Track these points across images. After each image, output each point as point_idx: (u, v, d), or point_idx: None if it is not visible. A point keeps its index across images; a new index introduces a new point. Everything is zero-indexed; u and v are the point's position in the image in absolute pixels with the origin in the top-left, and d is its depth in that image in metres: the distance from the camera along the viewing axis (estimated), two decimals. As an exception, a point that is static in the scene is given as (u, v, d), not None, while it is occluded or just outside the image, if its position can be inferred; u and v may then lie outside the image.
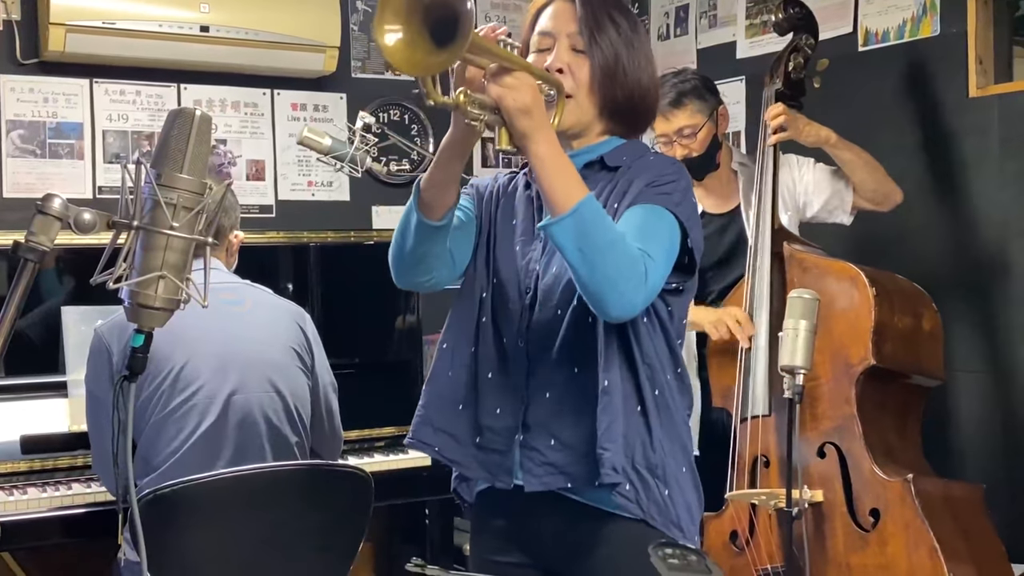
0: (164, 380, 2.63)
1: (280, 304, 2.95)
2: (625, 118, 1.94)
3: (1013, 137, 3.22)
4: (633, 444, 1.83)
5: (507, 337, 1.92)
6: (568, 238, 1.70)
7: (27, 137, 3.73)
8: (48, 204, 1.39)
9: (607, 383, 1.82)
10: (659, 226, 1.81)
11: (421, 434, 1.99)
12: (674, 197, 1.84)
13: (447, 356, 1.99)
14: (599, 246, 1.69)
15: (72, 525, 2.96)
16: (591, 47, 1.88)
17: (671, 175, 1.87)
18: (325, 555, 2.62)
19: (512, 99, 1.68)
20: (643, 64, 1.92)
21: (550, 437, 1.87)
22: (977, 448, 3.32)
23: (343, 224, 4.01)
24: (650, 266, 1.74)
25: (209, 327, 2.64)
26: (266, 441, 2.71)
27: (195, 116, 1.41)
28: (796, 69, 3.15)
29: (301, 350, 2.86)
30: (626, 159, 1.92)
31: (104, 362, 2.64)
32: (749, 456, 2.91)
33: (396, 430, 3.64)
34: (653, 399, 1.87)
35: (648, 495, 1.85)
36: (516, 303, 1.92)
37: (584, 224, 1.69)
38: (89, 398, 2.73)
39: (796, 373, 2.45)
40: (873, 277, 2.83)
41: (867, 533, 2.71)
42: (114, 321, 2.67)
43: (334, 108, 4.23)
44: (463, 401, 1.95)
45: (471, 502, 2.03)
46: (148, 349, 1.46)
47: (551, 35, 1.91)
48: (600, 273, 1.70)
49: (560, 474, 1.87)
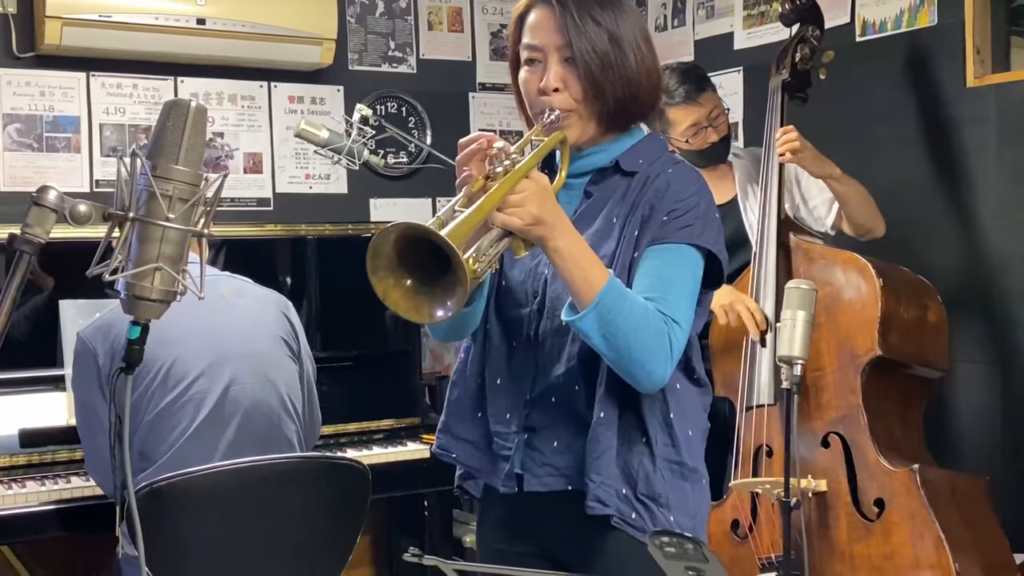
0: (154, 379, 2.60)
1: (264, 294, 2.94)
2: (626, 112, 1.91)
3: (1010, 127, 3.22)
4: (635, 476, 1.83)
5: (516, 342, 1.91)
6: (593, 329, 1.71)
7: (24, 131, 3.73)
8: (43, 196, 1.39)
9: (602, 415, 1.81)
10: (682, 273, 1.81)
11: (443, 443, 2.00)
12: (695, 228, 1.82)
13: (463, 362, 1.99)
14: (623, 331, 1.71)
15: (71, 518, 2.96)
16: (577, 57, 1.83)
17: (691, 197, 1.84)
18: (323, 547, 2.62)
19: (519, 219, 1.67)
20: (634, 56, 1.86)
21: (554, 439, 1.87)
22: (979, 439, 3.32)
23: (341, 217, 4.01)
24: (674, 335, 1.75)
25: (195, 322, 2.62)
26: (264, 433, 2.70)
27: (190, 107, 1.40)
28: (803, 60, 3.14)
29: (289, 339, 2.86)
30: (642, 163, 1.89)
31: (91, 365, 2.61)
32: (752, 445, 2.92)
33: (394, 422, 3.65)
34: (661, 425, 1.85)
35: (654, 521, 1.84)
36: (524, 308, 1.91)
37: (607, 313, 1.70)
38: (78, 403, 2.72)
39: (794, 364, 2.46)
40: (880, 268, 2.84)
41: (871, 523, 2.72)
42: (96, 324, 2.64)
43: (331, 101, 4.22)
44: (479, 408, 1.95)
45: (478, 496, 2.02)
46: (144, 341, 1.46)
47: (540, 49, 1.86)
48: (626, 357, 1.72)
49: (561, 476, 1.86)
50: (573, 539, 1.90)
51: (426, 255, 1.55)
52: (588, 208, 1.90)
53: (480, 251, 1.64)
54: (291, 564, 2.57)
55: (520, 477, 1.89)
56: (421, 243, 1.54)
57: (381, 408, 3.67)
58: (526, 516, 1.95)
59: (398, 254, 1.56)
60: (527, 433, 1.88)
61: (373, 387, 3.72)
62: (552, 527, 1.93)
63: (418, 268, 1.57)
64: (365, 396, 3.67)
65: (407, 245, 1.56)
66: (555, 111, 1.83)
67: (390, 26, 4.36)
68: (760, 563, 2.83)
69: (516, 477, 1.90)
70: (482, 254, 1.64)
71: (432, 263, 1.55)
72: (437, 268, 1.55)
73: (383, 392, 3.73)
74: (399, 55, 4.38)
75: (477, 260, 1.62)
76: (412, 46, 4.41)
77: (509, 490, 1.90)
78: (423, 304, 1.58)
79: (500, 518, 2.00)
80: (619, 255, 1.84)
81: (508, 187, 1.66)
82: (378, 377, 3.77)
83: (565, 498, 1.86)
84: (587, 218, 1.88)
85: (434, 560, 1.26)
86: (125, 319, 2.51)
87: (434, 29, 4.47)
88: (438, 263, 1.54)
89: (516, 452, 1.89)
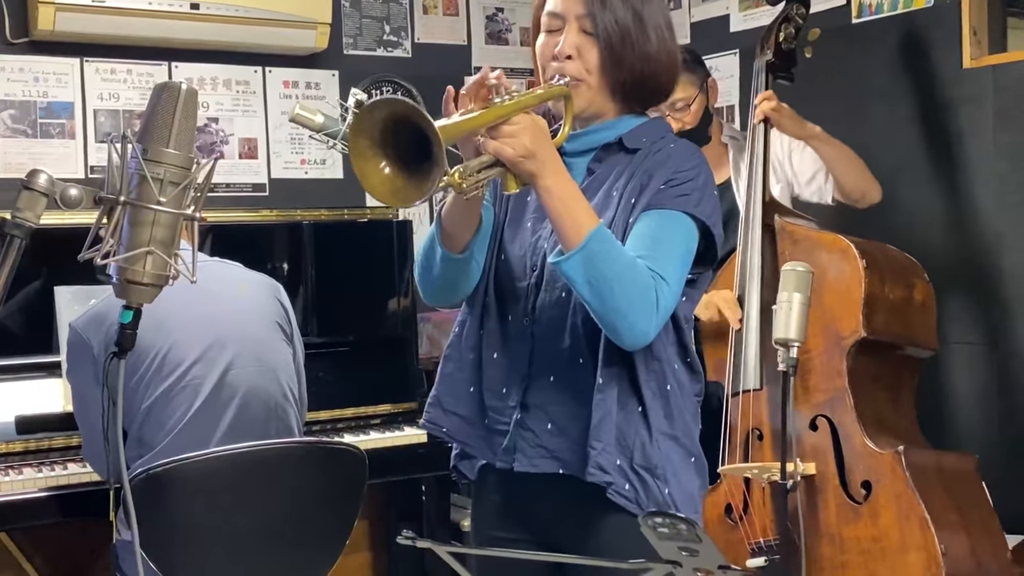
0: (149, 367, 2.59)
1: (255, 278, 2.93)
2: (639, 93, 1.91)
3: (1007, 108, 3.21)
4: (631, 445, 1.82)
5: (512, 316, 1.91)
6: (578, 272, 1.70)
7: (18, 117, 3.71)
8: (34, 180, 1.38)
9: (602, 380, 1.81)
10: (674, 236, 1.80)
11: (433, 415, 2.00)
12: (692, 198, 1.82)
13: (457, 336, 1.99)
14: (608, 278, 1.69)
15: (68, 504, 2.96)
16: (597, 29, 1.84)
17: (690, 170, 1.84)
18: (320, 532, 2.63)
19: (512, 149, 1.67)
20: (655, 35, 1.87)
21: (547, 421, 1.87)
22: (973, 420, 3.33)
23: (337, 202, 3.99)
24: (661, 291, 1.73)
25: (190, 309, 2.61)
26: (262, 418, 2.70)
27: (180, 90, 1.40)
28: (787, 40, 3.13)
29: (283, 322, 2.86)
30: (645, 141, 1.90)
31: (86, 356, 2.59)
32: (742, 430, 2.91)
33: (392, 407, 3.65)
34: (657, 395, 1.85)
35: (648, 494, 1.84)
36: (522, 281, 1.91)
37: (594, 258, 1.69)
38: (75, 393, 2.71)
39: (790, 346, 2.46)
40: (864, 248, 2.83)
41: (859, 505, 2.72)
42: (89, 315, 2.63)
43: (326, 85, 4.21)
44: (472, 382, 1.95)
45: (472, 479, 2.02)
46: (137, 325, 1.46)
47: (560, 17, 1.87)
48: (610, 305, 1.70)
49: (553, 459, 1.86)
50: (565, 522, 1.90)
51: (409, 142, 1.55)
52: (590, 184, 1.90)
53: (468, 169, 1.66)
54: (288, 549, 2.57)
55: (512, 456, 1.89)
56: (404, 127, 1.54)
57: (378, 393, 3.67)
58: (518, 501, 1.95)
59: (381, 133, 1.56)
60: (520, 413, 1.88)
61: (370, 372, 3.72)
62: (543, 511, 1.93)
63: (400, 152, 1.57)
64: (362, 381, 3.67)
65: (392, 126, 1.55)
66: (565, 77, 1.84)
67: (385, 10, 4.35)
68: (752, 547, 2.83)
69: (512, 453, 1.89)
70: (470, 172, 1.66)
71: (414, 152, 1.55)
72: (418, 156, 1.55)
73: (380, 377, 3.73)
74: (394, 39, 4.37)
75: (463, 176, 1.63)
76: (407, 30, 4.40)
77: (506, 465, 1.90)
78: (400, 189, 1.58)
79: (493, 504, 2.00)
80: (615, 222, 1.84)
81: (504, 112, 1.67)
82: (375, 362, 3.77)
83: (556, 481, 1.86)
84: (589, 193, 1.87)
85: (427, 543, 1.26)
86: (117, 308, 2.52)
87: (429, 13, 4.45)
88: (420, 153, 1.54)
89: (513, 427, 1.89)
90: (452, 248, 1.85)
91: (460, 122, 1.64)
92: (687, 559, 1.07)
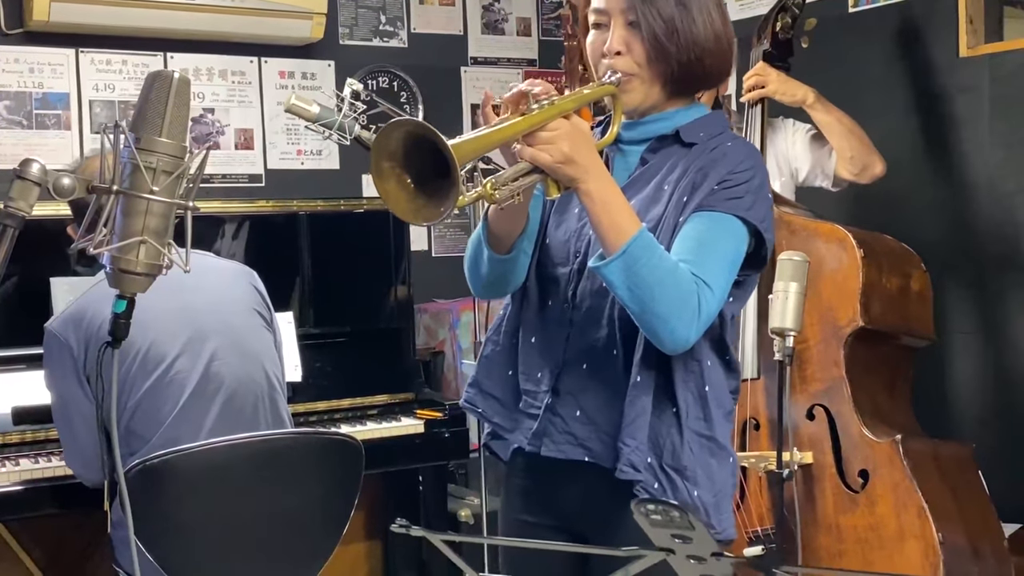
0: (132, 364, 2.55)
1: (229, 267, 2.91)
2: (690, 80, 1.88)
3: (1003, 97, 3.21)
4: (662, 445, 1.81)
5: (552, 301, 1.90)
6: (618, 277, 1.68)
7: (13, 108, 3.71)
8: (27, 169, 1.38)
9: (639, 378, 1.79)
10: (722, 240, 1.77)
11: (470, 396, 1.99)
12: (745, 201, 1.78)
13: (500, 319, 1.98)
14: (649, 284, 1.67)
15: (64, 495, 2.95)
16: (641, 20, 1.81)
17: (745, 171, 1.81)
18: (317, 523, 2.62)
19: (548, 155, 1.65)
20: (701, 19, 1.84)
21: (576, 408, 1.86)
22: (970, 409, 3.33)
23: (333, 192, 3.99)
24: (704, 297, 1.71)
25: (166, 302, 2.51)
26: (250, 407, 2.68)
27: (173, 79, 1.39)
28: (783, 29, 3.13)
29: (261, 309, 2.83)
30: (703, 135, 1.87)
31: (66, 358, 2.53)
32: (739, 419, 2.92)
33: (388, 398, 3.65)
34: (694, 396, 1.83)
35: (676, 495, 1.81)
36: (564, 267, 1.89)
37: (635, 263, 1.67)
38: (55, 396, 2.63)
39: (787, 335, 2.45)
40: (861, 239, 2.83)
41: (856, 494, 2.72)
42: (64, 316, 2.58)
43: (322, 75, 4.20)
44: (511, 365, 1.94)
45: (505, 459, 2.00)
46: (131, 315, 1.46)
47: (605, 12, 1.85)
48: (651, 311, 1.69)
49: (579, 446, 1.85)
50: (591, 515, 1.89)
51: (430, 163, 1.54)
52: (641, 174, 1.88)
53: (502, 179, 1.64)
54: (285, 540, 2.57)
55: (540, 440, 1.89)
56: (425, 147, 1.53)
57: (375, 384, 3.67)
58: (544, 486, 1.94)
59: (404, 152, 1.55)
60: (551, 398, 1.88)
61: (367, 363, 3.72)
62: (569, 499, 1.92)
63: (420, 172, 1.56)
64: (359, 372, 3.67)
65: (412, 146, 1.55)
66: (617, 73, 1.82)
67: (381, 0, 4.34)
68: (748, 536, 2.84)
69: (540, 437, 1.89)
70: (504, 182, 1.64)
71: (434, 172, 1.54)
72: (437, 177, 1.54)
73: (377, 368, 3.72)
74: (390, 29, 4.36)
75: (496, 186, 1.62)
76: (403, 20, 4.39)
77: (534, 449, 1.89)
78: (421, 208, 1.57)
79: (520, 487, 2.00)
80: (665, 219, 1.81)
81: (536, 120, 1.65)
82: (372, 353, 3.77)
83: (583, 469, 1.86)
84: (639, 183, 1.86)
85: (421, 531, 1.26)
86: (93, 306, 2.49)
87: (425, 3, 4.44)
88: (439, 171, 1.53)
89: (543, 412, 1.88)
90: (499, 250, 1.85)
91: (480, 136, 1.61)
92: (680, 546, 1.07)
